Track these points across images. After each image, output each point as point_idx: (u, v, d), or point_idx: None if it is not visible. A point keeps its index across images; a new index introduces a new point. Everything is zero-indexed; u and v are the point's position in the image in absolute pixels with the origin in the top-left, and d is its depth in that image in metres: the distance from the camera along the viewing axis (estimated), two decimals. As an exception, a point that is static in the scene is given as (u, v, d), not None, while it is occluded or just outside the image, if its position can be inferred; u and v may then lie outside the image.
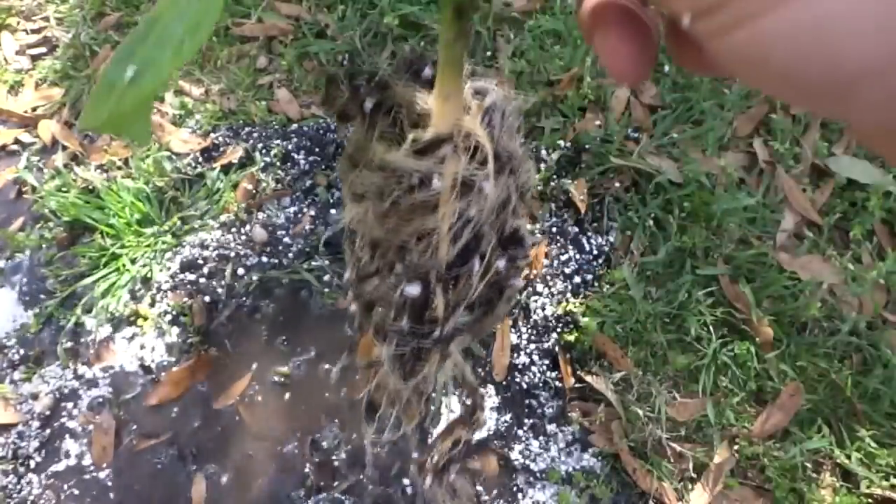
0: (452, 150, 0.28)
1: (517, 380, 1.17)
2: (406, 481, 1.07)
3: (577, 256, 1.29)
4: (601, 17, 0.21)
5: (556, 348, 1.19)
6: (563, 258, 1.29)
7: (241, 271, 1.27)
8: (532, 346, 1.20)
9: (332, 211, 1.28)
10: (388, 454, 1.09)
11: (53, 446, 1.13)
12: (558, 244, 1.30)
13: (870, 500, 1.03)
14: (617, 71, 0.22)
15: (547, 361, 1.18)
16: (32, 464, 1.11)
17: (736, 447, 1.08)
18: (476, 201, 0.28)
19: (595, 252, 1.29)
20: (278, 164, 1.40)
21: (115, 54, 0.22)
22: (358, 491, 1.07)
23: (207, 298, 1.24)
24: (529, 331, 1.21)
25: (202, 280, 1.27)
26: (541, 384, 1.16)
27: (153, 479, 1.09)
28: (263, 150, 1.42)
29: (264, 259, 1.29)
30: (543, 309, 1.23)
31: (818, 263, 1.24)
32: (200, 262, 1.29)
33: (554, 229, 1.31)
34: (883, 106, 0.15)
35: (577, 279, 1.26)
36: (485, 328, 0.33)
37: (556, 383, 1.16)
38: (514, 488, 1.08)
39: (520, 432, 1.12)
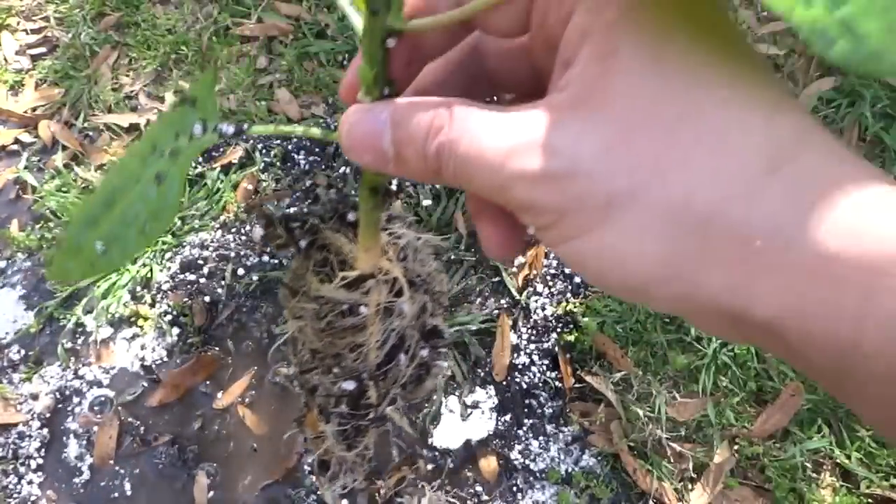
0: (375, 284, 0.34)
1: (517, 380, 1.17)
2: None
3: (578, 256, 1.29)
4: (479, 208, 0.27)
5: (556, 348, 1.19)
6: (563, 258, 1.29)
7: (241, 271, 1.27)
8: (532, 346, 1.20)
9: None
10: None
11: (54, 446, 1.13)
12: (558, 244, 1.30)
13: (870, 500, 1.03)
14: (489, 252, 0.27)
15: (547, 361, 1.18)
16: (33, 464, 1.11)
17: (736, 447, 1.09)
18: (397, 318, 0.34)
19: (595, 252, 1.29)
20: (278, 164, 1.40)
21: (77, 218, 0.25)
22: (357, 490, 1.07)
23: (208, 298, 1.24)
24: (529, 331, 1.21)
25: (202, 280, 1.27)
26: (541, 384, 1.16)
27: (155, 479, 1.09)
28: (263, 150, 1.42)
29: (264, 259, 1.29)
30: (543, 309, 1.23)
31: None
32: (200, 262, 1.29)
33: (554, 229, 1.31)
34: (673, 302, 0.21)
35: (577, 279, 1.26)
36: (416, 397, 0.39)
37: (556, 383, 1.17)
38: (514, 488, 1.08)
39: (520, 432, 1.12)
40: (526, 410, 1.14)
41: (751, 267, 0.19)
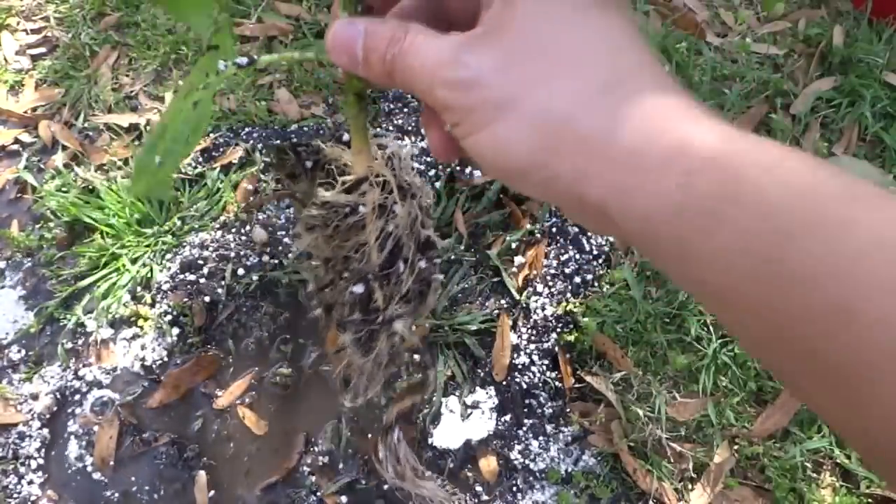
0: (369, 186, 0.40)
1: (517, 380, 1.17)
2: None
3: (577, 256, 1.29)
4: (429, 118, 0.33)
5: (556, 348, 1.19)
6: (563, 258, 1.29)
7: (241, 271, 1.27)
8: (532, 346, 1.20)
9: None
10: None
11: (54, 447, 1.13)
12: (558, 244, 1.30)
13: (870, 500, 1.03)
14: (435, 153, 0.35)
15: (547, 361, 1.18)
16: (33, 464, 1.11)
17: (736, 447, 1.09)
18: (392, 219, 0.40)
19: (595, 252, 1.29)
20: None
21: (144, 146, 0.35)
22: (356, 489, 1.07)
23: (208, 299, 1.24)
24: (529, 331, 1.21)
25: (202, 280, 1.27)
26: (541, 384, 1.16)
27: (155, 479, 1.09)
28: (263, 150, 1.42)
29: (264, 259, 1.29)
30: (543, 309, 1.23)
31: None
32: (200, 262, 1.29)
33: (554, 229, 1.32)
34: (541, 187, 0.28)
35: (577, 279, 1.26)
36: (422, 313, 0.44)
37: (556, 383, 1.16)
38: (514, 488, 1.08)
39: (519, 432, 1.12)
40: (526, 410, 1.14)
41: (586, 159, 0.26)
